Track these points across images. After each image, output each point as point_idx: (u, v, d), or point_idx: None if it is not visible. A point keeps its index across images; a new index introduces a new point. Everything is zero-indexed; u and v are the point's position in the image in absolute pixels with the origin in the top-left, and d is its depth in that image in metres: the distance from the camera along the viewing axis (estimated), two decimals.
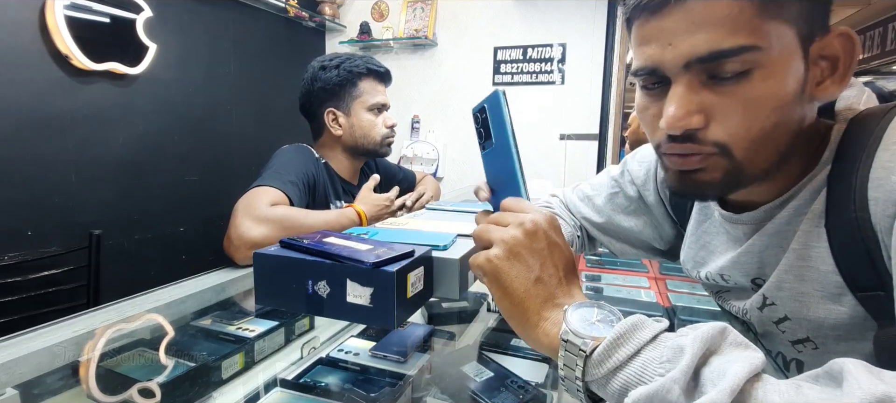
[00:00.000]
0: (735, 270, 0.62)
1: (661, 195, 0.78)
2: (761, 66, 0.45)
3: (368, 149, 1.45)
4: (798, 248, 0.53)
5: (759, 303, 0.60)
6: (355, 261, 0.53)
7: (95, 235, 1.62)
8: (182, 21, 2.09)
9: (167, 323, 0.84)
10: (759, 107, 0.46)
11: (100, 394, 0.67)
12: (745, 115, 0.47)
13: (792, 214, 0.54)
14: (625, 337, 0.39)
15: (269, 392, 0.69)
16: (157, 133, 2.02)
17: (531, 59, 2.61)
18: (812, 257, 0.53)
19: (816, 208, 0.52)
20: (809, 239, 0.52)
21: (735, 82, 0.46)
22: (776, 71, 0.45)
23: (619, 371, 0.38)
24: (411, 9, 2.80)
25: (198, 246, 2.17)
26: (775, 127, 0.47)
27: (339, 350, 0.80)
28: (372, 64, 1.44)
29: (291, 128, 1.54)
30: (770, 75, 0.45)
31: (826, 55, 0.49)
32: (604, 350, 0.39)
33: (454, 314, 1.05)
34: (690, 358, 0.35)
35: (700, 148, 0.49)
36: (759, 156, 0.49)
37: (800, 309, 0.55)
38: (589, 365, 0.39)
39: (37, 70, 1.61)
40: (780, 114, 0.47)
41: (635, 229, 0.81)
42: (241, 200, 1.11)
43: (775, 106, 0.46)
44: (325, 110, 1.42)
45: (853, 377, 0.32)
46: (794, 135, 0.50)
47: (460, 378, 0.73)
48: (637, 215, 0.80)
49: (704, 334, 0.37)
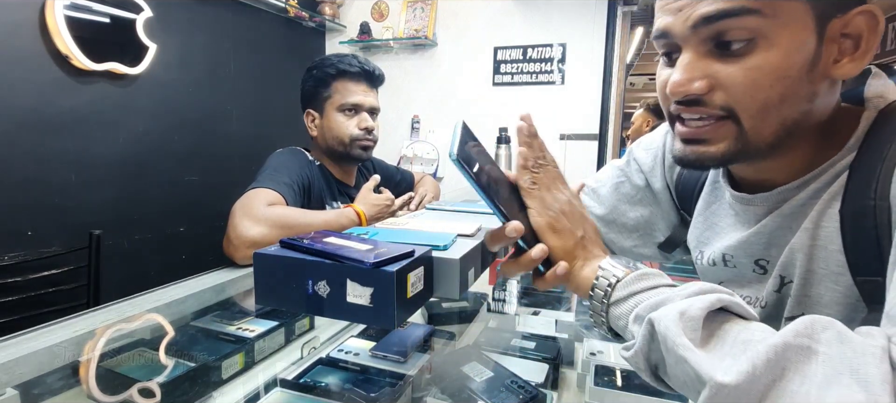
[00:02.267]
0: (740, 250, 0.62)
1: (667, 181, 0.77)
2: (766, 37, 0.46)
3: (339, 151, 1.40)
4: (810, 228, 0.54)
5: (776, 286, 0.60)
6: (355, 261, 0.53)
7: (95, 235, 1.62)
8: (182, 21, 2.09)
9: (167, 323, 0.84)
10: (763, 77, 0.47)
11: (100, 394, 0.67)
12: (749, 84, 0.48)
13: (809, 197, 0.54)
14: (648, 276, 0.48)
15: (269, 392, 0.69)
16: (157, 133, 2.02)
17: (531, 59, 2.61)
18: (821, 236, 0.53)
19: (833, 190, 0.52)
20: (822, 219, 0.53)
21: (740, 52, 0.47)
22: (782, 42, 0.46)
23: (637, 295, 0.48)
24: (411, 9, 2.80)
25: (198, 246, 2.17)
26: (781, 98, 0.48)
27: (339, 350, 0.80)
28: (344, 63, 1.39)
29: (291, 129, 1.54)
30: (774, 45, 0.46)
31: (847, 33, 0.48)
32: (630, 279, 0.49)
33: (454, 314, 1.05)
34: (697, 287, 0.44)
35: (708, 110, 0.50)
36: (764, 126, 0.50)
37: (802, 285, 0.56)
38: (615, 288, 0.49)
39: (37, 70, 1.61)
40: (784, 86, 0.48)
41: (640, 219, 0.80)
42: (239, 202, 1.12)
43: (779, 76, 0.47)
44: (305, 112, 1.43)
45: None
46: (803, 111, 0.50)
47: (460, 378, 0.73)
48: (643, 204, 0.80)
49: (707, 283, 0.44)
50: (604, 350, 0.86)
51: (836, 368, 0.34)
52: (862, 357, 0.34)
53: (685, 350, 0.39)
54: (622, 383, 0.76)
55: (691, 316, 0.40)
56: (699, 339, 0.40)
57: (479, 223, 0.78)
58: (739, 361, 0.37)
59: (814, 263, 0.55)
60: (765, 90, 0.48)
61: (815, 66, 0.48)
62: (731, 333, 0.40)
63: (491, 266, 0.79)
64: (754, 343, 0.38)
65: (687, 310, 0.41)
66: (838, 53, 0.49)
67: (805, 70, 0.48)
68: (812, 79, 0.48)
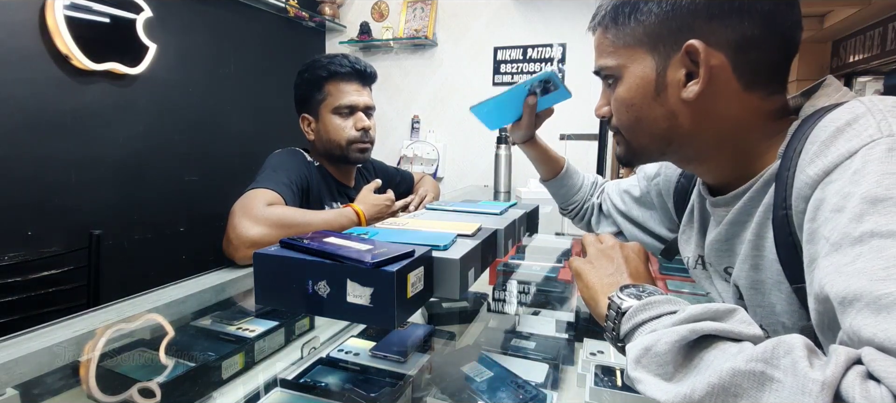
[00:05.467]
0: (711, 255, 0.69)
1: (664, 189, 0.87)
2: (620, 78, 0.63)
3: (336, 154, 1.39)
4: (753, 239, 0.59)
5: (736, 295, 0.65)
6: (355, 261, 0.53)
7: (95, 235, 1.62)
8: (182, 21, 2.09)
9: (167, 323, 0.84)
10: (619, 105, 0.64)
11: (100, 394, 0.67)
12: (617, 110, 0.65)
13: (747, 205, 0.60)
14: (653, 305, 0.48)
15: (269, 392, 0.69)
16: (157, 133, 2.02)
17: (531, 59, 2.61)
18: (764, 247, 0.58)
19: (767, 201, 0.56)
20: (762, 229, 0.57)
21: (614, 87, 0.64)
22: (629, 81, 0.62)
23: (641, 326, 0.48)
24: (411, 9, 2.80)
25: (198, 246, 2.17)
26: (638, 120, 0.62)
27: (339, 350, 0.80)
28: (335, 64, 1.36)
29: (291, 129, 1.53)
30: (624, 84, 0.62)
31: (685, 65, 0.58)
32: (633, 310, 0.49)
33: (454, 314, 1.05)
34: (687, 315, 0.43)
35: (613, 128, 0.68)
36: (638, 139, 0.65)
37: (756, 295, 0.61)
38: (622, 321, 0.50)
39: (37, 70, 1.61)
40: (637, 111, 0.62)
41: (647, 220, 0.91)
42: (238, 202, 1.12)
43: (630, 104, 0.62)
44: (300, 117, 1.42)
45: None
46: (667, 127, 0.61)
47: (460, 378, 0.73)
48: (647, 207, 0.91)
49: (713, 306, 0.43)
50: (604, 350, 0.86)
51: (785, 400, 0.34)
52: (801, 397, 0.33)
53: (637, 383, 0.43)
54: (622, 383, 0.76)
55: (656, 351, 0.42)
56: (670, 371, 0.41)
57: (479, 223, 0.78)
58: (682, 385, 0.39)
59: (761, 273, 0.59)
60: (624, 114, 0.64)
61: (660, 92, 0.59)
62: (706, 359, 0.40)
63: (491, 266, 0.79)
64: (710, 369, 0.38)
65: (653, 346, 0.43)
66: (685, 79, 0.58)
67: (650, 97, 0.60)
68: (663, 102, 0.60)
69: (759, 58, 0.56)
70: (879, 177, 0.41)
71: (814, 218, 0.46)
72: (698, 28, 0.55)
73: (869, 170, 0.42)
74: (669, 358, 0.41)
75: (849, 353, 0.34)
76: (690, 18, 0.56)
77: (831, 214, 0.44)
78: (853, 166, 0.44)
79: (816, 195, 0.46)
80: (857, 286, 0.37)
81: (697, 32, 0.55)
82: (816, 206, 0.46)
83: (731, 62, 0.55)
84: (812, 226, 0.46)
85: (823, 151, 0.47)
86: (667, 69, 0.58)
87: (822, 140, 0.48)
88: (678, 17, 0.56)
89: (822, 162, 0.46)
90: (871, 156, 0.43)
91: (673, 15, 0.56)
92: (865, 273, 0.37)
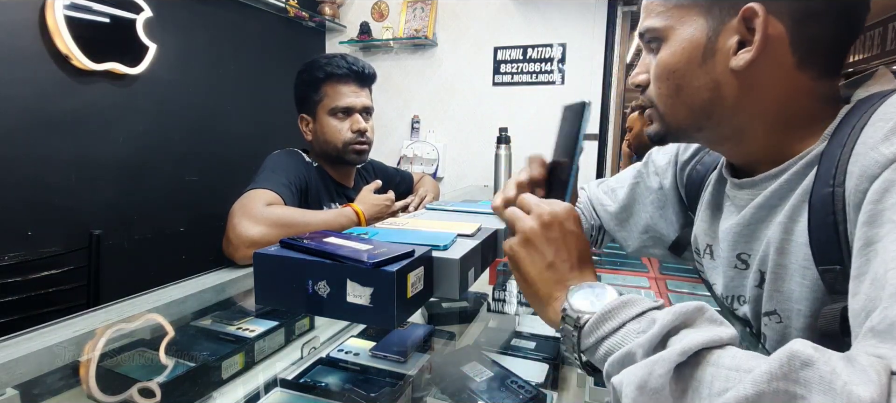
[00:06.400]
0: (725, 241, 0.65)
1: (677, 181, 0.81)
2: (665, 41, 0.58)
3: (333, 155, 1.39)
4: (784, 222, 0.56)
5: (757, 281, 0.62)
6: (355, 261, 0.53)
7: (95, 235, 1.62)
8: (182, 21, 2.09)
9: (167, 322, 0.84)
10: (663, 70, 0.59)
11: (100, 394, 0.67)
12: (658, 76, 0.60)
13: (783, 188, 0.57)
14: (612, 313, 0.45)
15: (269, 392, 0.69)
16: (157, 133, 2.02)
17: (531, 59, 2.61)
18: (794, 231, 0.56)
19: (806, 184, 0.54)
20: (795, 213, 0.55)
21: (655, 51, 0.60)
22: (674, 44, 0.58)
23: (605, 341, 0.44)
24: (411, 9, 2.80)
25: (198, 246, 2.17)
26: (678, 89, 0.58)
27: (339, 350, 0.80)
28: (332, 65, 1.36)
29: (291, 129, 1.53)
30: (669, 47, 0.58)
31: (739, 31, 0.54)
32: (593, 323, 0.45)
33: (454, 314, 1.05)
34: (660, 328, 0.40)
35: (648, 100, 0.63)
36: (676, 115, 0.60)
37: (774, 279, 0.59)
38: (582, 335, 0.46)
39: (37, 70, 1.61)
40: (679, 77, 0.58)
41: (650, 220, 0.85)
42: (237, 202, 1.12)
43: (673, 69, 0.58)
44: (299, 117, 1.42)
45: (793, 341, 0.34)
46: (707, 99, 0.57)
47: (460, 378, 0.73)
48: (654, 205, 0.84)
49: (680, 309, 0.41)
50: None
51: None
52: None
53: None
54: None
55: (653, 387, 0.38)
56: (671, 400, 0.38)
57: (479, 223, 0.78)
58: None
59: (785, 258, 0.57)
60: (664, 81, 0.59)
61: (707, 59, 0.56)
62: (705, 381, 0.37)
63: (491, 266, 0.79)
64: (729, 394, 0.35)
65: (648, 381, 0.38)
66: (737, 47, 0.54)
67: (696, 63, 0.56)
68: (708, 70, 0.56)
69: (819, 33, 0.53)
70: None
71: (880, 199, 0.43)
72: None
73: None
74: (668, 392, 0.38)
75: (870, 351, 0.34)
76: None
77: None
78: None
79: (887, 175, 0.43)
80: None
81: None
82: (885, 188, 0.42)
83: (789, 33, 0.52)
84: (876, 208, 0.43)
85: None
86: (719, 34, 0.55)
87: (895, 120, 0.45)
88: None
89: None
90: None
91: None
92: None
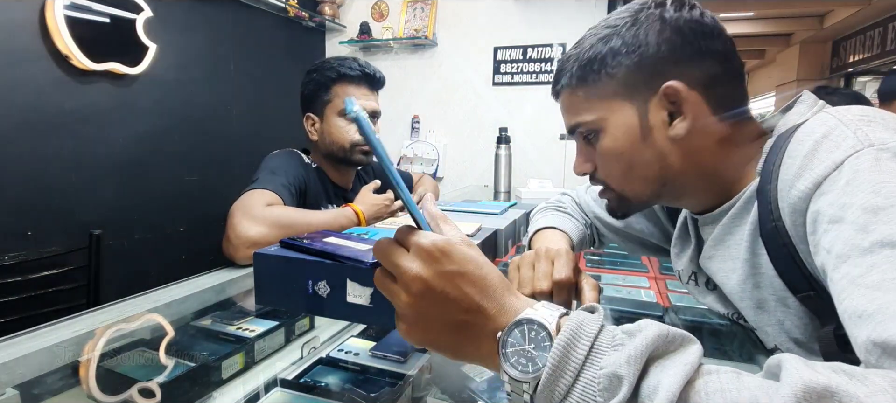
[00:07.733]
0: (702, 271, 0.70)
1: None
2: (603, 131, 0.63)
3: (339, 156, 1.40)
4: (748, 258, 0.60)
5: (734, 316, 0.67)
6: (355, 261, 0.53)
7: (95, 235, 1.62)
8: (182, 21, 2.09)
9: (167, 323, 0.84)
10: (610, 156, 0.64)
11: (100, 394, 0.67)
12: (605, 163, 0.65)
13: (732, 222, 0.62)
14: (560, 368, 0.37)
15: (269, 392, 0.69)
16: (157, 133, 2.02)
17: (531, 59, 2.61)
18: (761, 265, 0.59)
19: (753, 217, 0.58)
20: (754, 246, 0.59)
21: (596, 141, 0.64)
22: (613, 131, 0.62)
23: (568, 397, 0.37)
24: (411, 9, 2.79)
25: (198, 246, 2.17)
26: (630, 167, 0.63)
27: (339, 350, 0.79)
28: (345, 67, 1.37)
29: (291, 129, 1.53)
30: (608, 135, 0.63)
31: (664, 106, 0.60)
32: (544, 390, 0.37)
33: None
34: (628, 388, 0.34)
35: (600, 183, 0.68)
36: (632, 188, 0.65)
37: (762, 315, 0.61)
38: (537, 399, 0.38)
39: (37, 70, 1.61)
40: (628, 158, 0.62)
41: (645, 231, 0.88)
42: (237, 203, 1.12)
43: (620, 153, 0.62)
44: (305, 116, 1.42)
45: (790, 366, 0.32)
46: (661, 167, 0.62)
47: (460, 378, 0.73)
48: (646, 218, 0.87)
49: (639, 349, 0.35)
50: None
51: None
52: None
53: None
54: None
55: None
56: None
57: (478, 223, 0.78)
58: None
59: (762, 291, 0.60)
60: (614, 165, 0.64)
61: (646, 136, 0.61)
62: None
63: None
64: None
65: None
66: (669, 119, 0.60)
67: (638, 142, 0.61)
68: (651, 144, 0.61)
69: (724, 89, 0.60)
70: (875, 185, 0.42)
71: (814, 231, 0.47)
72: (668, 72, 0.59)
73: (861, 179, 0.43)
74: None
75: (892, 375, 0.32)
76: (661, 65, 0.59)
77: (830, 226, 0.44)
78: (843, 177, 0.45)
79: (811, 208, 0.47)
80: (883, 299, 0.36)
81: (669, 76, 0.59)
82: (813, 219, 0.47)
83: (704, 97, 0.59)
84: (814, 240, 0.47)
85: (808, 165, 0.48)
86: (647, 113, 0.61)
87: (803, 154, 0.49)
88: (649, 65, 0.59)
89: (811, 175, 0.48)
90: (860, 166, 0.44)
91: (643, 63, 0.60)
92: (885, 284, 0.37)
